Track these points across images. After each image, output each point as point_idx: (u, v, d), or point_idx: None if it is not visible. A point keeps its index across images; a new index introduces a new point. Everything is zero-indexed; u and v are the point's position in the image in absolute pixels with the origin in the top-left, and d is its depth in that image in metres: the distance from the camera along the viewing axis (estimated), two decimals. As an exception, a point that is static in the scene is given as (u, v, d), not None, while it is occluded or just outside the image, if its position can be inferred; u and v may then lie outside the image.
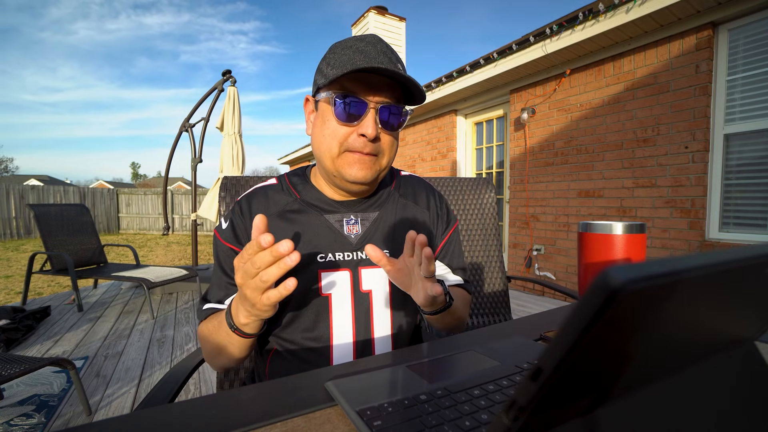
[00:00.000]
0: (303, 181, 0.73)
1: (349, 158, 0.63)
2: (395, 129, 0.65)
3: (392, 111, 0.63)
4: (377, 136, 0.62)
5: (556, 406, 0.19)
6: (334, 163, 0.64)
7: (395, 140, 0.67)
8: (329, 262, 0.67)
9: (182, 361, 0.76)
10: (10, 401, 1.78)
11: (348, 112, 0.61)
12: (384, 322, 0.70)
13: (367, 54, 0.60)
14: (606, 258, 0.56)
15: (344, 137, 0.62)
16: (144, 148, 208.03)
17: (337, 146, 0.63)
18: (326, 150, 0.64)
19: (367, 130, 0.61)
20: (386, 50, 0.63)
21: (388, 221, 0.72)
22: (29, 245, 8.66)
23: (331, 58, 0.63)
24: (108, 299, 3.71)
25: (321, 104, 0.64)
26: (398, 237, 0.72)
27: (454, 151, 5.04)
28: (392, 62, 0.61)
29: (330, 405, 0.42)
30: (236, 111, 3.99)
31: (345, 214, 0.70)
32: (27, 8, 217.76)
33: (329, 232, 0.68)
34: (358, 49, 0.61)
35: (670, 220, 2.86)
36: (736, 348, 0.29)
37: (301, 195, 0.71)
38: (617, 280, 0.13)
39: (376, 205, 0.73)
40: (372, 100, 0.61)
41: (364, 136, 0.61)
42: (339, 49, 0.63)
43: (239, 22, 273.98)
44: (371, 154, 0.63)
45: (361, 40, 0.63)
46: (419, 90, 0.62)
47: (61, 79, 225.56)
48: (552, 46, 3.33)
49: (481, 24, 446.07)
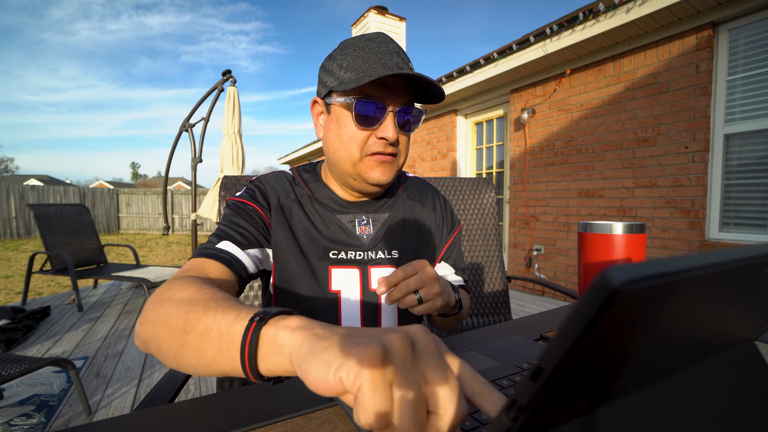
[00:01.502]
0: (315, 179, 0.73)
1: (371, 162, 0.63)
2: (413, 130, 0.66)
3: (409, 112, 0.63)
4: (397, 138, 0.62)
5: (556, 406, 0.19)
6: (355, 168, 0.63)
7: (409, 140, 0.68)
8: (340, 260, 0.68)
9: (182, 361, 0.76)
10: (10, 401, 1.78)
11: (368, 116, 0.61)
12: (392, 323, 0.71)
13: (381, 56, 0.60)
14: (606, 258, 0.56)
15: (364, 141, 0.62)
16: (144, 148, 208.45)
17: (357, 151, 0.62)
18: (346, 155, 0.63)
19: (387, 133, 0.60)
20: (398, 50, 0.62)
21: (398, 222, 0.73)
22: (29, 245, 8.66)
23: (344, 61, 0.61)
24: (108, 299, 3.71)
25: (335, 108, 0.63)
26: (408, 237, 0.73)
27: (454, 151, 5.04)
28: (405, 62, 0.62)
29: (330, 405, 0.42)
30: (236, 111, 3.99)
31: (357, 214, 0.70)
32: (29, 9, 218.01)
33: (341, 230, 0.69)
34: (372, 50, 0.60)
35: (670, 220, 2.86)
36: (736, 348, 0.29)
37: (313, 192, 0.71)
38: (617, 280, 0.13)
39: (386, 207, 0.73)
40: (390, 103, 0.61)
41: (383, 139, 0.61)
42: (351, 51, 0.62)
43: (241, 23, 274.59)
44: (392, 155, 0.63)
45: (372, 40, 0.62)
46: (438, 90, 0.62)
47: (62, 80, 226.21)
48: (552, 46, 3.33)
49: (482, 24, 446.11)
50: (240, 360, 0.33)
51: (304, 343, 0.28)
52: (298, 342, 0.29)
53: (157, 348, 0.42)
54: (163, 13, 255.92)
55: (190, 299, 0.41)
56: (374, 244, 0.69)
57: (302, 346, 0.28)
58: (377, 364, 0.24)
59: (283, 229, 0.67)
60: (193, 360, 0.38)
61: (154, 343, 0.42)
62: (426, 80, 0.59)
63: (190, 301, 0.40)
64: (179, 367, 0.40)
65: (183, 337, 0.38)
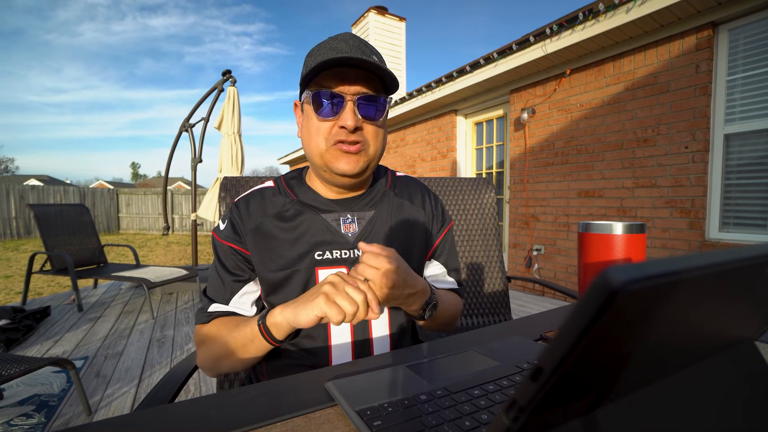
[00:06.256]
0: (299, 183, 0.74)
1: (335, 152, 0.64)
2: (377, 119, 0.66)
3: (370, 101, 0.64)
4: (359, 126, 0.63)
5: (556, 406, 0.19)
6: (322, 158, 0.65)
7: (380, 129, 0.68)
8: (326, 260, 0.68)
9: (182, 361, 0.76)
10: (10, 401, 1.78)
11: (327, 107, 0.63)
12: (382, 322, 0.70)
13: (338, 50, 0.61)
14: (606, 258, 0.56)
15: (327, 131, 0.64)
16: (145, 149, 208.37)
17: (323, 142, 0.64)
18: (314, 147, 0.65)
19: (346, 121, 0.62)
20: (360, 44, 0.63)
21: (384, 220, 0.73)
22: (29, 245, 8.66)
23: (309, 61, 0.64)
24: (108, 299, 3.71)
25: (305, 105, 0.67)
26: (395, 235, 0.72)
27: (454, 151, 5.04)
28: (365, 54, 0.62)
29: (330, 405, 0.42)
30: (236, 111, 3.99)
31: (342, 213, 0.71)
32: (35, 10, 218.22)
33: (326, 230, 0.69)
34: (332, 47, 0.62)
35: (670, 220, 2.86)
36: (736, 348, 0.29)
37: (298, 196, 0.72)
38: (617, 280, 0.13)
39: (371, 204, 0.73)
40: (348, 92, 0.62)
41: (344, 128, 0.63)
42: (315, 50, 0.64)
43: (244, 24, 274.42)
44: (355, 144, 0.64)
45: (335, 39, 0.64)
46: (391, 77, 0.63)
47: (65, 80, 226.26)
48: (552, 46, 3.33)
49: (483, 24, 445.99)
50: (267, 341, 0.59)
51: (288, 313, 0.56)
52: (286, 314, 0.56)
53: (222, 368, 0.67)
54: (167, 15, 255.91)
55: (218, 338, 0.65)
56: (359, 241, 0.70)
57: (288, 315, 0.56)
58: (328, 300, 0.53)
59: (263, 248, 0.68)
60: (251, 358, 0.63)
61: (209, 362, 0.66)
62: (375, 66, 0.60)
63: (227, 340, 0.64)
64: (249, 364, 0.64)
65: (234, 354, 0.62)
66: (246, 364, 0.64)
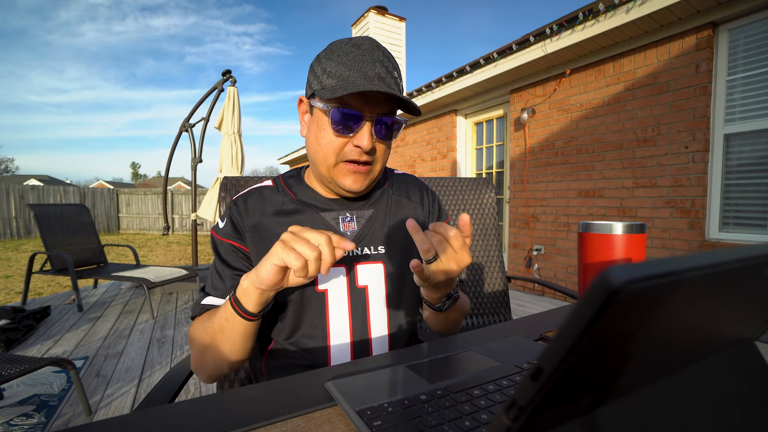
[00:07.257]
0: (298, 182, 0.74)
1: (344, 169, 0.64)
2: (390, 139, 0.66)
3: (387, 122, 0.64)
4: (373, 147, 0.63)
5: (556, 406, 0.19)
6: (330, 172, 0.65)
7: (388, 148, 0.68)
8: None
9: (182, 361, 0.76)
10: (10, 401, 1.78)
11: (344, 123, 0.61)
12: (381, 321, 0.70)
13: (363, 65, 0.60)
14: (606, 258, 0.56)
15: (340, 147, 0.63)
16: (145, 149, 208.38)
17: (333, 156, 0.64)
18: (322, 158, 0.65)
19: (362, 142, 0.61)
20: (383, 59, 0.62)
21: (383, 218, 0.73)
22: (29, 245, 8.66)
23: (328, 66, 0.62)
24: (108, 299, 3.71)
25: (316, 111, 0.64)
26: (393, 233, 0.72)
27: (454, 151, 5.04)
28: (389, 71, 0.62)
29: (330, 405, 0.42)
30: (236, 111, 3.98)
31: (340, 211, 0.71)
32: (37, 11, 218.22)
33: (325, 228, 0.69)
34: (356, 57, 0.61)
35: (670, 220, 2.86)
36: (736, 348, 0.29)
37: (297, 195, 0.72)
38: (617, 280, 0.13)
39: (370, 203, 0.73)
40: (368, 113, 0.61)
41: (359, 147, 0.62)
42: (335, 56, 0.62)
43: (245, 24, 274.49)
44: (366, 164, 0.64)
45: (357, 47, 0.62)
46: (414, 107, 0.63)
47: (67, 80, 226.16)
48: (552, 46, 3.33)
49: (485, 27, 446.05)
50: (239, 315, 0.57)
51: (251, 275, 0.55)
52: (251, 277, 0.55)
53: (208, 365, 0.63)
54: (168, 15, 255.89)
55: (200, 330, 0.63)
56: (359, 240, 0.70)
57: (251, 277, 0.55)
58: (285, 246, 0.52)
59: (262, 246, 0.67)
60: (230, 343, 0.59)
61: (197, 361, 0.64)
62: (402, 98, 0.60)
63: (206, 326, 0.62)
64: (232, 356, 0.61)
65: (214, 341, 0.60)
66: (229, 356, 0.60)
